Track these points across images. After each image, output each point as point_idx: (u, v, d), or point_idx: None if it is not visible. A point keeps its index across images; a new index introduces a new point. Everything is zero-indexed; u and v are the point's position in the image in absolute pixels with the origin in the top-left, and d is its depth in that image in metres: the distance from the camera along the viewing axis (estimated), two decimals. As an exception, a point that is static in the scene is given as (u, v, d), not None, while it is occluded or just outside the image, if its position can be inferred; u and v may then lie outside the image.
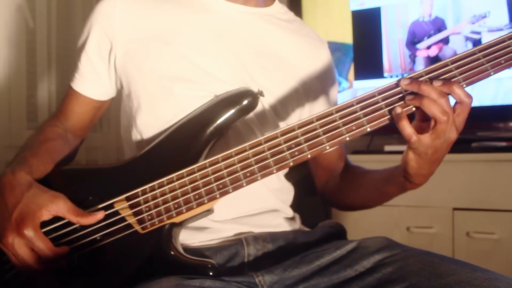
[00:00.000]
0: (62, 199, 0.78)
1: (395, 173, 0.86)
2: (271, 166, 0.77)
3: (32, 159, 0.84)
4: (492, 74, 0.75)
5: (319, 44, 1.06)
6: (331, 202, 1.09)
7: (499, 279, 0.70)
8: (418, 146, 0.75)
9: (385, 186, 0.90)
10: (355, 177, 1.02)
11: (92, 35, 0.93)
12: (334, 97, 1.08)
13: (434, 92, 0.72)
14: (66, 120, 0.99)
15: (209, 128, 0.82)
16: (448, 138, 0.75)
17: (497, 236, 1.64)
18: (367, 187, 0.97)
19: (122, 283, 0.80)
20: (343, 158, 1.07)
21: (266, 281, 0.81)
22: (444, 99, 0.72)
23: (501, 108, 1.81)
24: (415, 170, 0.79)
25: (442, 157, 0.79)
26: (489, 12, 1.80)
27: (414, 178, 0.81)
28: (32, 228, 0.76)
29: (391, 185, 0.88)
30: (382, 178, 0.92)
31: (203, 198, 0.79)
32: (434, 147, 0.75)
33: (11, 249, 0.76)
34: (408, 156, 0.78)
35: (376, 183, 0.93)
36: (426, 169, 0.79)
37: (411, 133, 0.74)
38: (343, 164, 1.07)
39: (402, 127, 0.74)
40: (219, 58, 0.91)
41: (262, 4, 0.99)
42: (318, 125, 0.76)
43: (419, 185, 0.83)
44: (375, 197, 0.96)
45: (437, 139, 0.74)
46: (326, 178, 1.08)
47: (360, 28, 2.04)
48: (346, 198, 1.03)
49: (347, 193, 1.02)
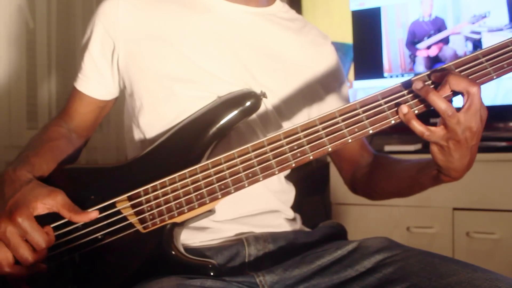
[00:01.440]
0: (60, 194, 0.78)
1: (428, 165, 0.84)
2: (273, 167, 0.77)
3: (34, 158, 0.84)
4: (495, 78, 0.76)
5: (322, 41, 1.05)
6: (362, 192, 1.07)
7: (500, 280, 0.70)
8: (436, 140, 0.75)
9: (418, 176, 0.88)
10: (386, 166, 1.00)
11: (95, 35, 0.93)
12: (345, 93, 1.06)
13: (464, 82, 0.72)
14: (70, 120, 0.99)
15: (212, 129, 0.83)
16: (470, 128, 0.73)
17: (497, 236, 1.64)
18: (400, 176, 0.94)
19: (123, 282, 0.80)
20: (366, 149, 1.06)
21: (267, 281, 0.81)
22: (476, 87, 0.71)
23: (501, 108, 1.81)
24: (443, 163, 0.78)
25: (471, 149, 0.77)
26: (489, 12, 1.81)
27: (447, 171, 0.80)
28: (25, 216, 0.75)
29: (425, 176, 0.86)
30: (415, 168, 0.90)
31: (205, 198, 0.79)
32: (455, 139, 0.74)
33: (2, 237, 0.75)
34: (432, 149, 0.78)
35: (409, 172, 0.91)
36: (455, 163, 0.78)
37: (422, 130, 0.74)
38: (368, 154, 1.05)
39: (413, 127, 0.74)
40: (221, 58, 0.91)
41: (264, 4, 0.99)
42: (320, 127, 0.77)
43: (455, 178, 0.81)
44: (409, 187, 0.94)
45: (452, 132, 0.73)
46: (351, 170, 1.07)
47: (360, 28, 2.05)
48: (378, 188, 1.01)
49: (379, 183, 1.00)
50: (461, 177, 0.81)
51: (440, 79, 0.74)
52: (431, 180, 0.86)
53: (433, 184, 0.87)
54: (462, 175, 0.81)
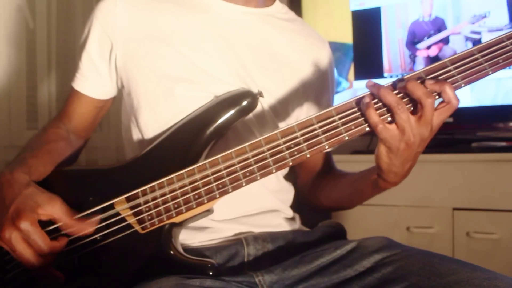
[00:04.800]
0: (58, 202, 0.78)
1: (370, 171, 0.86)
2: (270, 165, 0.77)
3: (32, 160, 0.84)
4: (490, 73, 0.76)
5: (320, 44, 1.06)
6: (305, 200, 1.08)
7: (499, 279, 0.70)
8: (386, 138, 0.75)
9: (359, 183, 0.91)
10: (337, 177, 1.02)
11: (92, 34, 0.93)
12: (331, 98, 1.08)
13: (420, 91, 0.72)
14: (68, 121, 0.99)
15: (209, 128, 0.83)
16: (420, 134, 0.75)
17: (497, 236, 1.64)
18: (343, 184, 0.97)
19: (122, 283, 0.80)
20: (329, 163, 1.07)
21: (266, 281, 0.81)
22: (431, 99, 0.72)
23: (501, 108, 1.80)
24: (386, 166, 0.79)
25: (415, 156, 0.78)
26: (489, 12, 1.80)
27: (387, 175, 0.81)
28: (29, 221, 0.75)
29: (365, 182, 0.88)
30: (357, 176, 0.92)
31: (203, 197, 0.79)
32: (405, 141, 0.75)
33: (8, 244, 0.75)
34: (380, 149, 0.78)
35: (350, 182, 0.94)
36: (398, 167, 0.78)
37: (377, 121, 0.74)
38: (328, 169, 1.07)
39: (368, 115, 0.74)
40: (219, 58, 0.91)
41: (263, 4, 0.99)
42: (317, 125, 0.77)
43: (392, 184, 0.83)
44: (348, 194, 0.96)
45: (404, 134, 0.74)
46: (307, 179, 1.08)
47: (360, 28, 2.04)
48: (321, 196, 1.03)
49: (323, 190, 1.02)
50: (398, 182, 0.83)
51: (403, 89, 0.75)
52: (370, 185, 0.87)
53: (372, 190, 0.89)
54: (400, 180, 0.82)
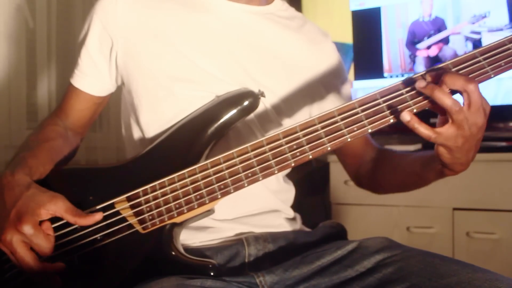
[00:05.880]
0: (60, 199, 0.78)
1: (432, 159, 0.83)
2: (273, 166, 0.77)
3: (32, 160, 0.84)
4: (493, 76, 0.76)
5: (321, 38, 1.05)
6: (368, 186, 1.06)
7: (500, 280, 0.70)
8: (443, 141, 0.74)
9: (423, 172, 0.88)
10: (391, 161, 0.99)
11: (92, 30, 0.93)
12: (347, 91, 1.05)
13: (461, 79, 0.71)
14: (66, 117, 0.98)
15: (210, 128, 0.82)
16: (476, 123, 0.73)
17: (497, 236, 1.64)
18: (405, 171, 0.94)
19: (123, 283, 0.80)
20: (369, 144, 1.05)
21: (267, 281, 0.81)
22: (472, 84, 0.71)
23: (501, 108, 1.81)
24: (450, 161, 0.78)
25: (476, 143, 0.76)
26: (489, 12, 1.81)
27: (452, 166, 0.79)
28: (31, 225, 0.75)
29: (430, 171, 0.86)
30: (419, 163, 0.89)
31: (205, 198, 0.79)
32: (463, 136, 0.73)
33: (9, 247, 0.75)
34: (439, 150, 0.77)
35: (414, 168, 0.90)
36: (462, 158, 0.77)
37: (429, 134, 0.73)
38: (371, 149, 1.05)
39: (418, 132, 0.73)
40: (220, 58, 0.91)
41: (263, 3, 0.98)
42: (319, 126, 0.77)
43: (460, 171, 0.81)
44: (414, 182, 0.93)
45: (460, 129, 0.72)
46: (356, 165, 1.06)
47: (360, 28, 2.05)
48: (383, 182, 1.01)
49: (384, 177, 1.00)
50: (465, 169, 0.81)
51: (436, 79, 0.74)
52: (435, 175, 0.85)
53: (437, 178, 0.87)
54: (467, 167, 0.81)
